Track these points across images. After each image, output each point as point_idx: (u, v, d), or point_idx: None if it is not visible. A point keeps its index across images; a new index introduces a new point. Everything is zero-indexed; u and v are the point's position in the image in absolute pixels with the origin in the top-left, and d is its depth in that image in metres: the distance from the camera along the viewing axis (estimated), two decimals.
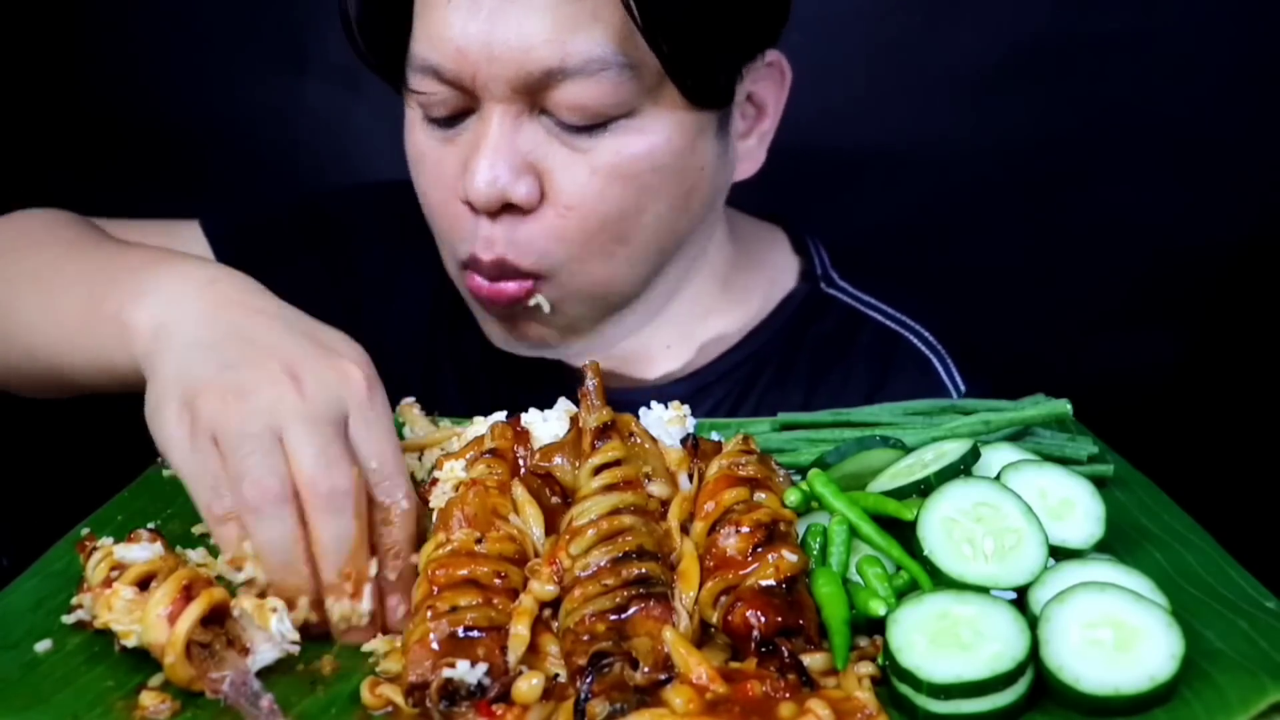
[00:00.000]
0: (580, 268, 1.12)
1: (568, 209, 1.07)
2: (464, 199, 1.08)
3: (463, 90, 1.05)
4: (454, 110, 1.08)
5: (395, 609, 0.80)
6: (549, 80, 1.02)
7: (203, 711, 0.69)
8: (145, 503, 0.98)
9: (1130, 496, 0.96)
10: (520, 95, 1.04)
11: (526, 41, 1.00)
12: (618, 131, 1.06)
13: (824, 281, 1.34)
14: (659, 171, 1.09)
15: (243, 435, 0.76)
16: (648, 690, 0.68)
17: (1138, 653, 0.67)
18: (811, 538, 0.82)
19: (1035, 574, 0.75)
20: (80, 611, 0.77)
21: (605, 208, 1.08)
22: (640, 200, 1.09)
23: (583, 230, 1.09)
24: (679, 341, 1.28)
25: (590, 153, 1.06)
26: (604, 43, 1.01)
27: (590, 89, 1.02)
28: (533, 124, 1.06)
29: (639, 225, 1.11)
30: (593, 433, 0.85)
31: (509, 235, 1.09)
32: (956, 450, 0.87)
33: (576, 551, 0.76)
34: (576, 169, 1.06)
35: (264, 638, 0.73)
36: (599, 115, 1.04)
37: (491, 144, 1.05)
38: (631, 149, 1.06)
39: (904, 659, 0.68)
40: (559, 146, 1.06)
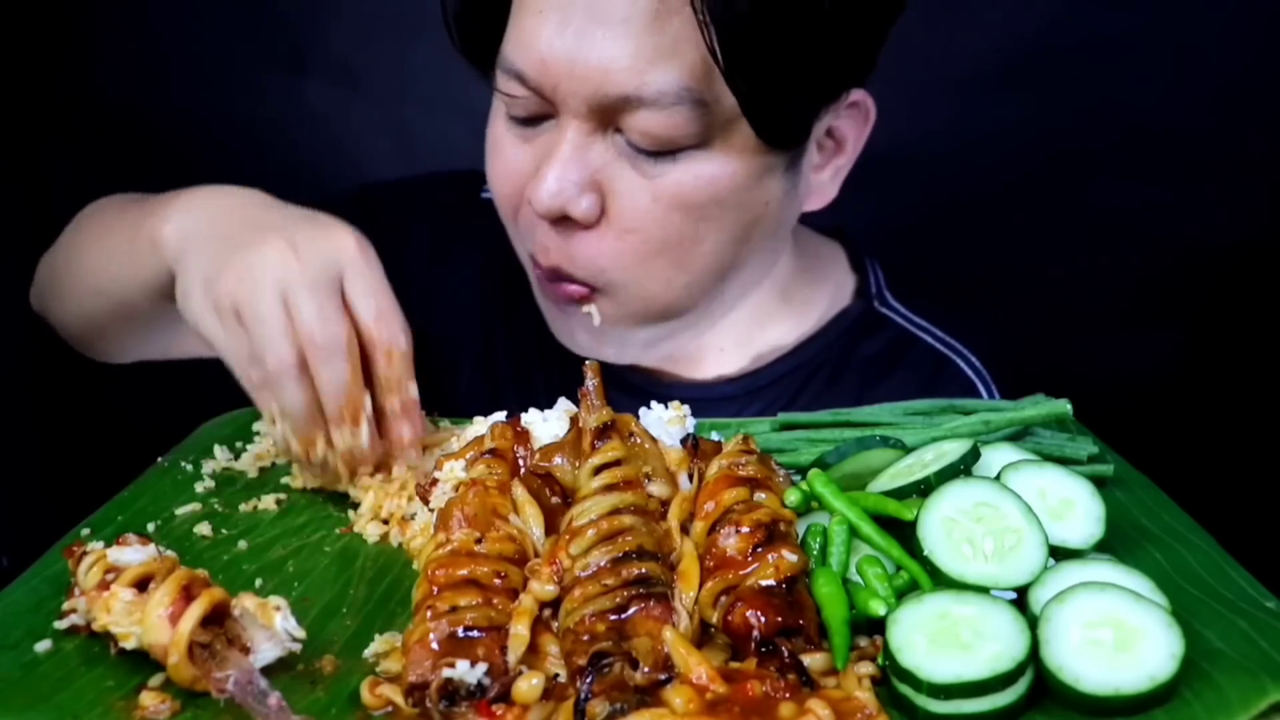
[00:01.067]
0: (636, 289, 1.15)
1: (627, 231, 1.10)
2: (528, 201, 1.12)
3: (543, 98, 1.08)
4: (534, 113, 1.11)
5: (401, 432, 0.97)
6: (624, 105, 1.04)
7: (203, 712, 0.69)
8: (145, 503, 0.98)
9: (1130, 496, 0.96)
10: (595, 113, 1.06)
11: (606, 65, 1.03)
12: (686, 161, 1.08)
13: (878, 300, 1.37)
14: (721, 205, 1.11)
15: (257, 310, 0.92)
16: (648, 690, 0.68)
17: (1138, 653, 0.67)
18: (811, 538, 0.82)
19: (1035, 574, 0.75)
20: (73, 616, 0.77)
21: (664, 234, 1.10)
22: (700, 230, 1.11)
23: (640, 254, 1.12)
24: (733, 347, 1.32)
25: (656, 179, 1.08)
26: (680, 77, 1.03)
27: (662, 119, 1.04)
28: (605, 142, 1.09)
29: (697, 253, 1.14)
30: (593, 433, 0.85)
31: (565, 245, 1.13)
32: (956, 450, 0.87)
33: (576, 551, 0.76)
34: (640, 193, 1.09)
35: (265, 636, 0.73)
36: (668, 144, 1.06)
37: (562, 156, 1.08)
38: (696, 181, 1.08)
39: (904, 659, 0.68)
40: (627, 168, 1.09)
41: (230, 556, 0.90)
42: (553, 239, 1.12)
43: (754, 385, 1.31)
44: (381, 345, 0.95)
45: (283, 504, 1.00)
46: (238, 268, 0.94)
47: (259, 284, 0.93)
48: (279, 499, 1.00)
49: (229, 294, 0.94)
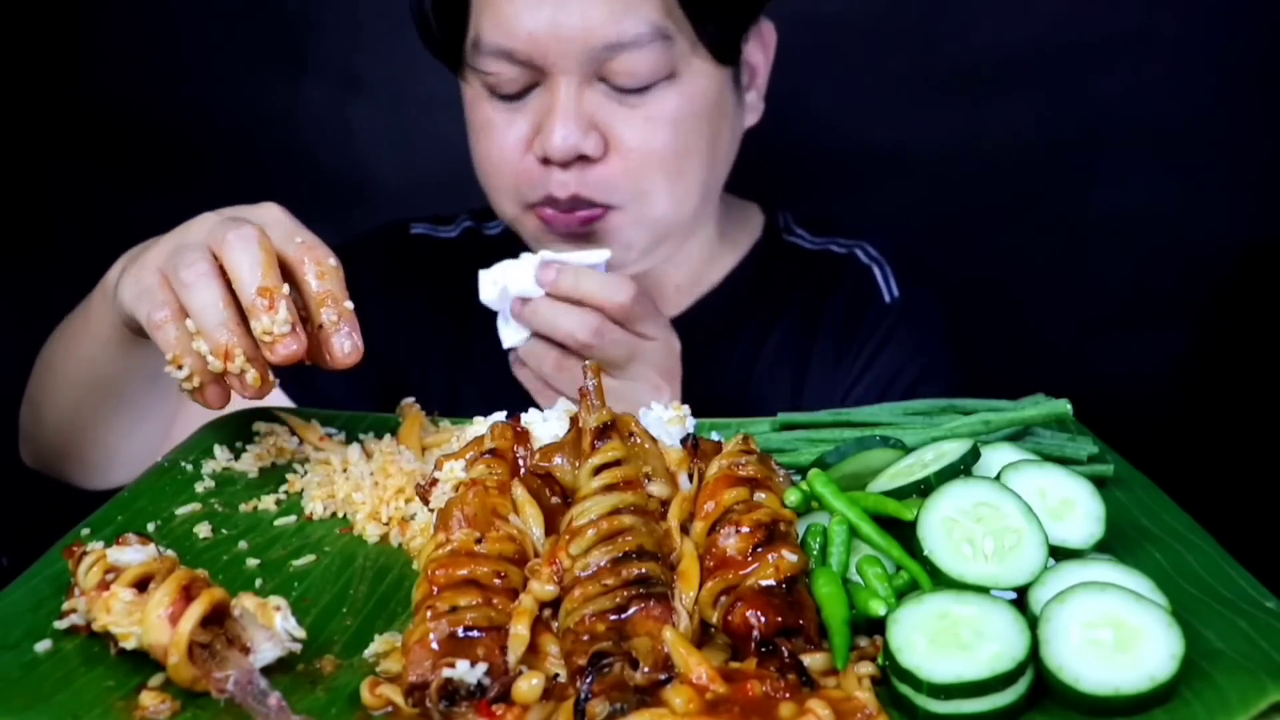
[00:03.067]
0: (644, 200, 1.34)
1: (630, 152, 1.31)
2: (541, 155, 1.30)
3: (531, 68, 1.27)
4: (522, 86, 1.30)
5: (341, 345, 0.94)
6: (608, 53, 1.25)
7: (203, 712, 0.69)
8: (145, 503, 0.98)
9: (1130, 496, 0.96)
10: (583, 67, 1.26)
11: (588, 23, 1.24)
12: (663, 89, 1.29)
13: (785, 233, 1.60)
14: (697, 117, 1.33)
15: (174, 251, 0.95)
16: (648, 690, 0.68)
17: (1138, 653, 0.67)
18: (811, 538, 0.82)
19: (1035, 574, 0.75)
20: (73, 616, 0.77)
21: (659, 148, 1.31)
22: (685, 141, 1.33)
23: (644, 167, 1.32)
24: (686, 284, 1.53)
25: (642, 107, 1.30)
26: (650, 20, 1.25)
27: (641, 58, 1.26)
28: (592, 90, 1.29)
29: (686, 162, 1.35)
30: (593, 433, 0.85)
31: (580, 179, 1.31)
32: (956, 450, 0.87)
33: (576, 551, 0.76)
34: (634, 120, 1.30)
35: (265, 636, 0.73)
36: (648, 78, 1.28)
37: (564, 109, 1.27)
38: (675, 101, 1.30)
39: (904, 659, 0.68)
40: (616, 106, 1.30)
41: (230, 556, 0.90)
42: (569, 176, 1.30)
43: (693, 319, 1.49)
44: (310, 265, 0.95)
45: (282, 504, 1.00)
46: (165, 240, 0.99)
47: (182, 237, 0.97)
48: (279, 499, 1.00)
49: (151, 261, 0.97)
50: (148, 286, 0.95)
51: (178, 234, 0.99)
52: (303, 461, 1.07)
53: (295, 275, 0.95)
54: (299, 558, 0.90)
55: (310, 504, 0.99)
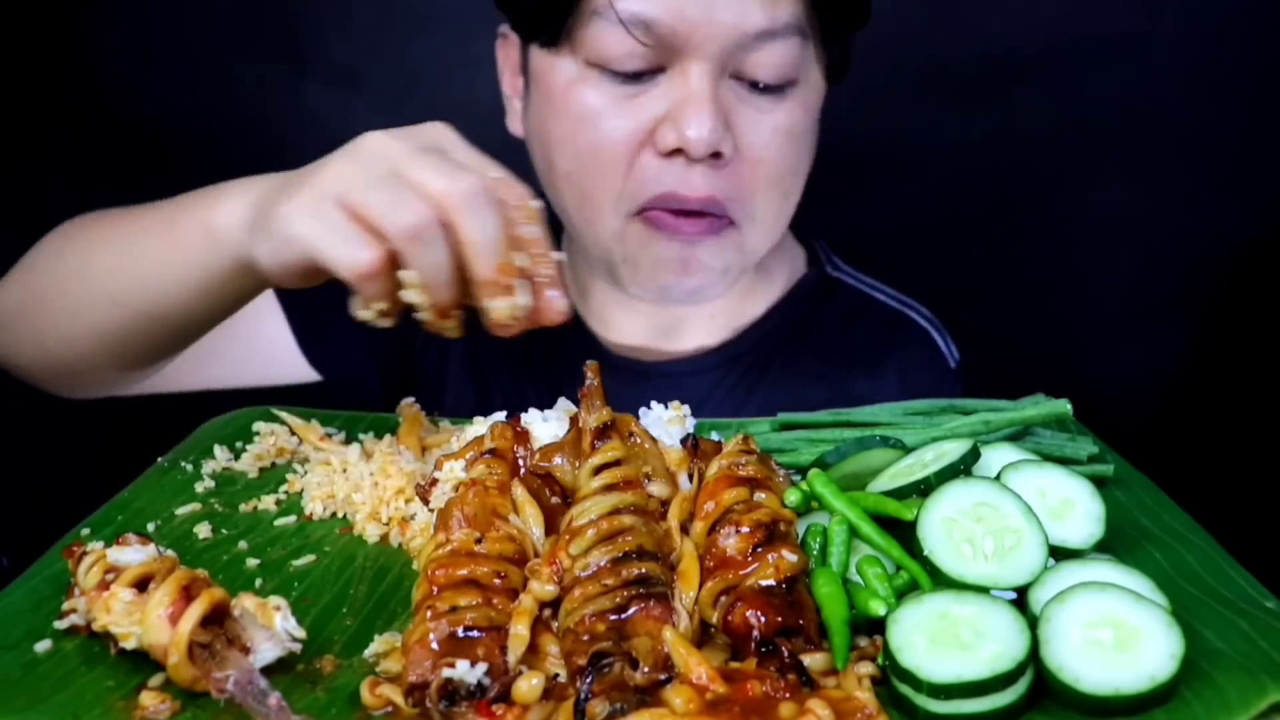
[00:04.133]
0: (761, 219, 1.25)
1: (756, 162, 1.20)
2: (669, 147, 1.16)
3: (664, 48, 1.14)
4: (647, 66, 1.16)
5: (555, 302, 0.86)
6: (756, 41, 1.14)
7: (203, 711, 0.69)
8: (145, 503, 0.98)
9: (1130, 496, 0.96)
10: (723, 56, 1.14)
11: (745, 6, 1.12)
12: (790, 97, 1.20)
13: (829, 266, 1.48)
14: (809, 133, 1.25)
15: (368, 184, 0.82)
16: (648, 690, 0.68)
17: (1138, 653, 0.67)
18: (811, 538, 0.82)
19: (1035, 574, 0.75)
20: (74, 616, 0.77)
21: (783, 162, 1.22)
22: (798, 159, 1.25)
23: (767, 180, 1.22)
24: (723, 314, 1.40)
25: (771, 113, 1.19)
26: (794, 12, 1.15)
27: (786, 51, 1.16)
28: (724, 85, 1.17)
29: (794, 183, 1.26)
30: (593, 433, 0.85)
31: (712, 181, 1.19)
32: (956, 450, 0.87)
33: (576, 551, 0.76)
34: (762, 127, 1.19)
35: (265, 636, 0.73)
36: (786, 76, 1.18)
37: (706, 98, 1.14)
38: (799, 113, 1.22)
39: (904, 659, 0.68)
40: (744, 107, 1.18)
41: (230, 556, 0.90)
42: (696, 175, 1.17)
43: (733, 353, 1.38)
44: (514, 201, 0.85)
45: (282, 504, 1.00)
46: (335, 165, 0.86)
47: (365, 169, 0.84)
48: (279, 499, 1.00)
49: (328, 188, 0.85)
50: (336, 223, 0.83)
51: (359, 160, 0.86)
52: (303, 461, 1.07)
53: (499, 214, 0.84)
54: (299, 558, 0.90)
55: (310, 504, 0.99)
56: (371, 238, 0.83)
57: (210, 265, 0.98)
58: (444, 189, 0.82)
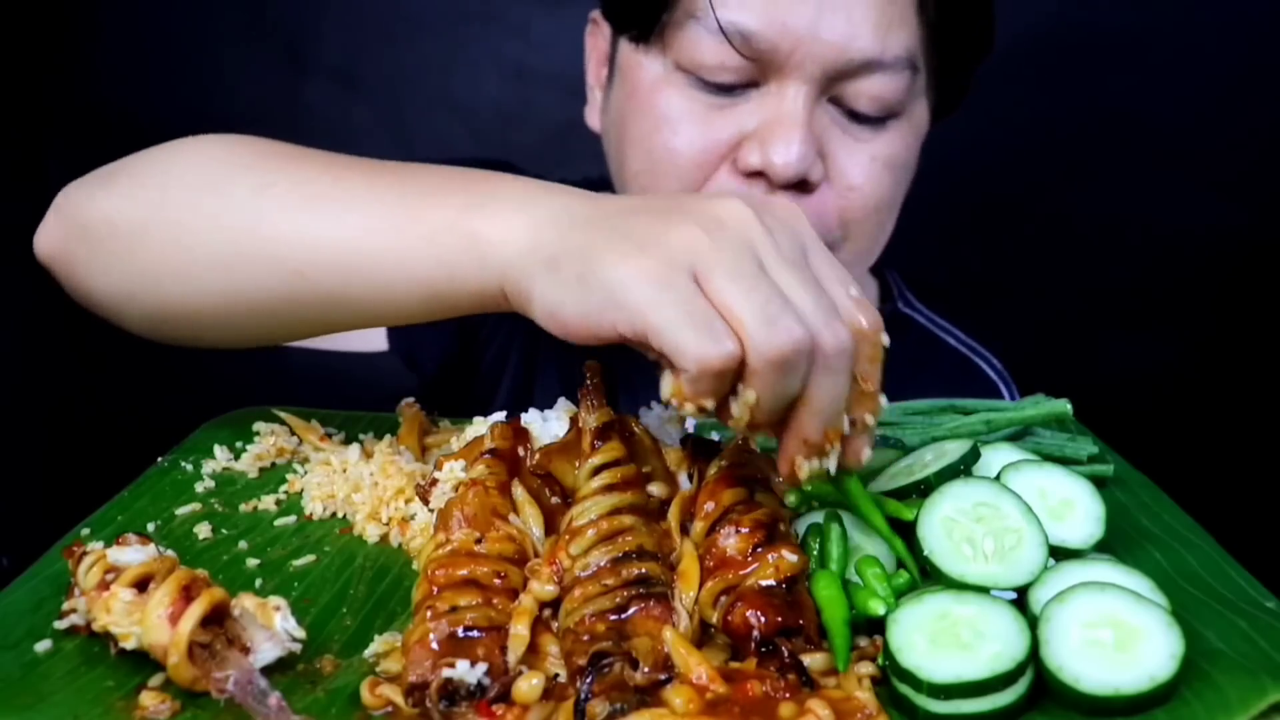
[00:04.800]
0: (851, 247, 1.19)
1: (849, 190, 1.15)
2: (752, 168, 1.11)
3: (764, 62, 1.09)
4: (739, 79, 1.11)
5: (859, 455, 0.75)
6: (861, 70, 1.09)
7: (203, 712, 0.69)
8: (145, 503, 0.98)
9: (1130, 496, 0.96)
10: (824, 79, 1.10)
11: (854, 30, 1.07)
12: (891, 129, 1.15)
13: (901, 302, 1.44)
14: (908, 169, 1.21)
15: (734, 274, 0.68)
16: (648, 690, 0.68)
17: (1138, 653, 0.67)
18: (811, 538, 0.82)
19: (1035, 574, 0.75)
20: (74, 616, 0.77)
21: (880, 193, 1.17)
22: (896, 193, 1.20)
23: (860, 210, 1.16)
24: None
25: (870, 142, 1.15)
26: (908, 44, 1.11)
27: (892, 83, 1.11)
28: (820, 108, 1.13)
29: (890, 216, 1.21)
30: (593, 433, 0.85)
31: None
32: (956, 450, 0.87)
33: (576, 551, 0.76)
34: (859, 154, 1.14)
35: (265, 636, 0.72)
36: (889, 109, 1.13)
37: (798, 122, 1.10)
38: (900, 145, 1.17)
39: (904, 659, 0.68)
40: (841, 134, 1.14)
41: (230, 556, 0.90)
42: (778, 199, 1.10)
43: None
44: (867, 336, 0.74)
45: (282, 504, 1.00)
46: (687, 231, 0.70)
47: (730, 248, 0.70)
48: (279, 499, 1.00)
49: (686, 260, 0.69)
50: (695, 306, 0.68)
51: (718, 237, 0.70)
52: (303, 461, 1.07)
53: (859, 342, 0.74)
54: (299, 558, 0.90)
55: (310, 504, 0.99)
56: (730, 333, 0.69)
57: (467, 280, 0.81)
58: (820, 333, 0.70)
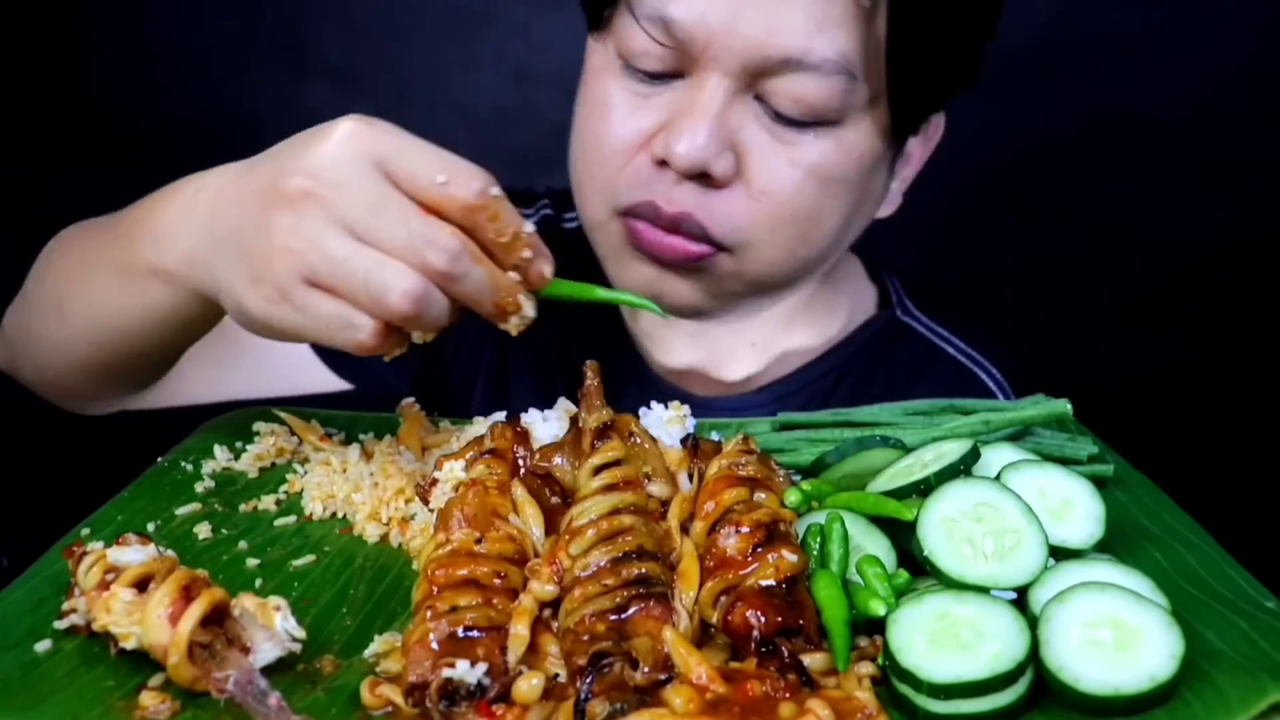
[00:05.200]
0: (759, 254, 1.15)
1: (762, 193, 1.11)
2: (659, 156, 1.10)
3: (685, 52, 1.07)
4: (665, 68, 1.10)
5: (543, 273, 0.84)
6: (781, 68, 1.05)
7: (203, 712, 0.69)
8: (145, 503, 0.98)
9: (1130, 496, 0.96)
10: (746, 74, 1.06)
11: (775, 27, 1.03)
12: (822, 134, 1.10)
13: (900, 309, 1.39)
14: (847, 183, 1.14)
15: (334, 262, 0.78)
16: (648, 690, 0.68)
17: (1138, 653, 0.67)
18: (811, 538, 0.82)
19: (1035, 574, 0.75)
20: (73, 616, 0.77)
21: (798, 202, 1.12)
22: (824, 204, 1.14)
23: (773, 218, 1.12)
24: (763, 344, 1.33)
25: (794, 146, 1.10)
26: (842, 48, 1.05)
27: (817, 87, 1.05)
28: (743, 104, 1.09)
29: (819, 228, 1.16)
30: (592, 432, 0.85)
31: (698, 199, 1.11)
32: (956, 450, 0.87)
33: (576, 551, 0.76)
34: (778, 158, 1.10)
35: (265, 636, 0.73)
36: (815, 114, 1.08)
37: (707, 113, 1.07)
38: (834, 154, 1.11)
39: (904, 659, 0.68)
40: (762, 133, 1.09)
41: (230, 556, 0.90)
42: (682, 191, 1.11)
43: (786, 391, 1.32)
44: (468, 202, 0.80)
45: (282, 504, 1.00)
46: (278, 249, 0.79)
47: (312, 239, 0.78)
48: (279, 499, 1.00)
49: (287, 274, 0.79)
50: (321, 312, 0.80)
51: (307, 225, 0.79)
52: (303, 461, 1.07)
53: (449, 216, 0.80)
54: (299, 558, 0.90)
55: (310, 504, 0.99)
56: (363, 314, 0.80)
57: (168, 304, 0.95)
58: (427, 262, 0.78)
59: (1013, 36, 1.85)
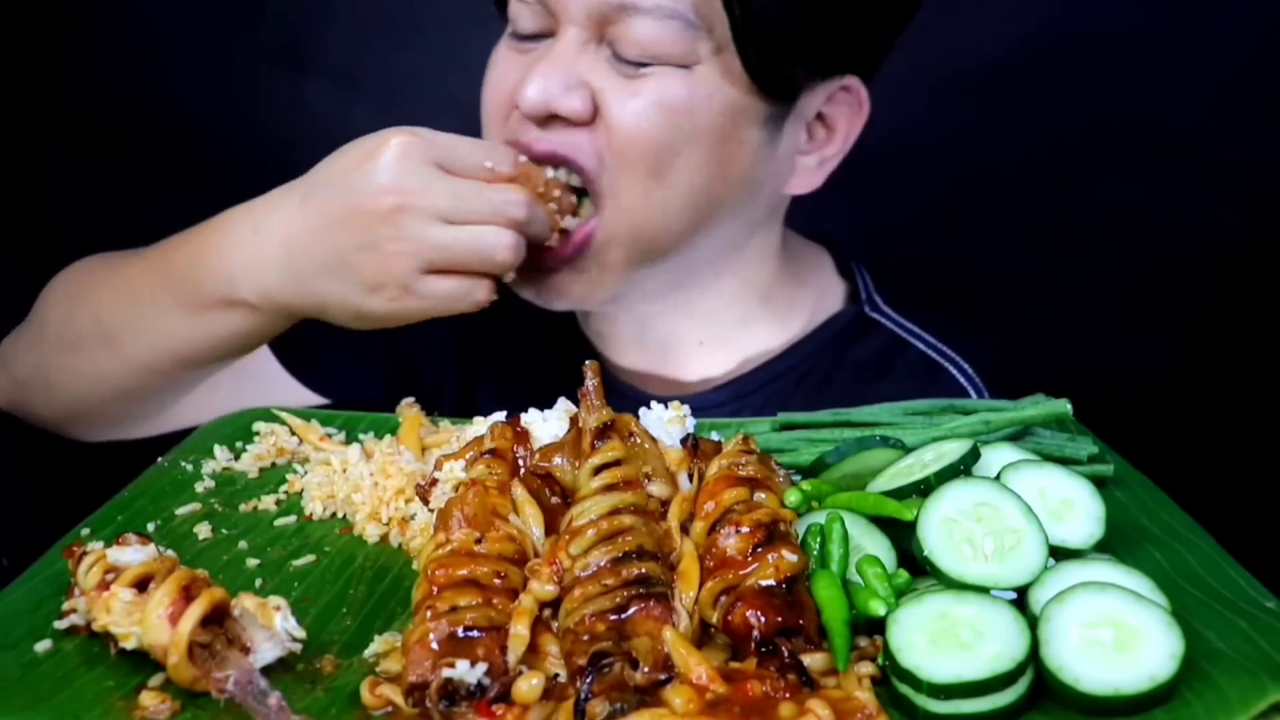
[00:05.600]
0: (623, 199, 1.19)
1: (613, 128, 1.17)
2: (516, 104, 1.19)
3: (547, 9, 1.17)
4: (538, 29, 1.20)
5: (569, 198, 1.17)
6: (620, 13, 1.13)
7: (203, 711, 0.69)
8: (145, 503, 0.98)
9: (1130, 496, 0.96)
10: (592, 22, 1.15)
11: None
12: (668, 74, 1.15)
13: (868, 305, 1.39)
14: (695, 120, 1.17)
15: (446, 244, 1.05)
16: (648, 690, 0.68)
17: (1138, 653, 0.67)
18: (811, 538, 0.82)
19: (1035, 574, 0.75)
20: (74, 616, 0.77)
21: (646, 132, 1.16)
22: (676, 139, 1.17)
23: (625, 149, 1.17)
24: (713, 342, 1.34)
25: (639, 82, 1.16)
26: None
27: (654, 30, 1.13)
28: (597, 52, 1.17)
29: (674, 165, 1.18)
30: (592, 433, 0.85)
31: (563, 138, 1.18)
32: (956, 450, 0.87)
33: (576, 551, 0.76)
34: (624, 93, 1.16)
35: (265, 636, 0.73)
36: (654, 56, 1.14)
37: (551, 59, 1.16)
38: (676, 90, 1.16)
39: (904, 659, 0.68)
40: (615, 75, 1.16)
41: (230, 556, 0.90)
42: (551, 135, 1.18)
43: (743, 390, 1.32)
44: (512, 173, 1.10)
45: (282, 504, 1.00)
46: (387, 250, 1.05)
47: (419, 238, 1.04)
48: (279, 499, 1.00)
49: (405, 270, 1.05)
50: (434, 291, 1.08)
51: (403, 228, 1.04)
52: (303, 461, 1.07)
53: None
54: (299, 558, 0.90)
55: (310, 504, 0.99)
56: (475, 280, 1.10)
57: (254, 329, 1.15)
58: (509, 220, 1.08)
59: (1013, 38, 1.85)
